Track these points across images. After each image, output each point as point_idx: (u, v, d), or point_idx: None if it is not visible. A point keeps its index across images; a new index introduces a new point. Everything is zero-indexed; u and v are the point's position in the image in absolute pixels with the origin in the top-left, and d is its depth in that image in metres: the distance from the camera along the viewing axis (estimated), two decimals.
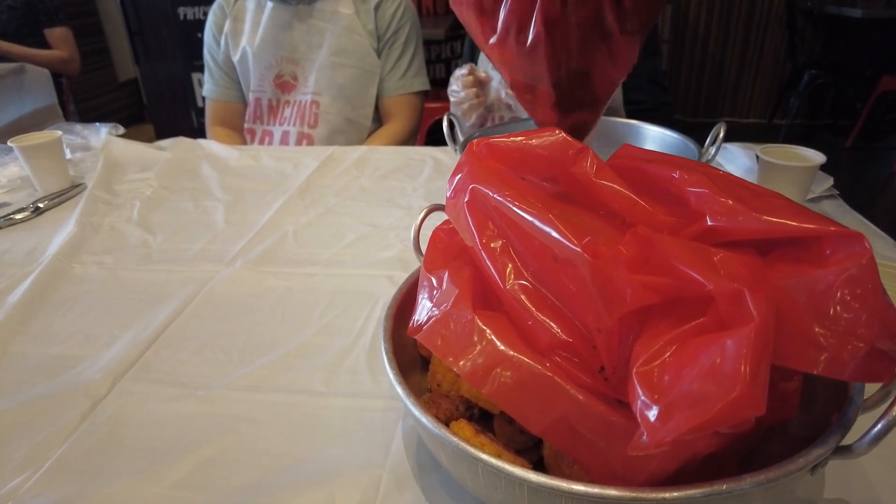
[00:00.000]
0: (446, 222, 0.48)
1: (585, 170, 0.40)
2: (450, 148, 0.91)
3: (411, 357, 0.48)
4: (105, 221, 0.91)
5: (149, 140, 1.24)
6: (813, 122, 3.57)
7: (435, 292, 0.40)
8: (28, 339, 0.64)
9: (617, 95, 1.18)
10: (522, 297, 0.35)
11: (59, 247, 0.82)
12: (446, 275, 0.40)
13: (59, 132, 1.05)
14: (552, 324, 0.34)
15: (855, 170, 3.02)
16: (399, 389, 0.37)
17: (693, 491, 0.30)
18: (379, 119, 1.42)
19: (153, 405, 0.53)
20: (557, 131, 0.42)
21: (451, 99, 1.19)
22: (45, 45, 2.45)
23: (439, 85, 1.88)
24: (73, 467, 0.47)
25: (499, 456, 0.33)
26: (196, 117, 3.75)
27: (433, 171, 1.06)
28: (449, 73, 1.53)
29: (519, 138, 0.42)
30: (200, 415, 0.51)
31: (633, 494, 0.29)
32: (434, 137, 1.49)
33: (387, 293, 0.68)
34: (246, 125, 1.42)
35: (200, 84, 3.68)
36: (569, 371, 0.33)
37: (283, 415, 0.50)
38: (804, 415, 0.38)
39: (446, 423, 0.37)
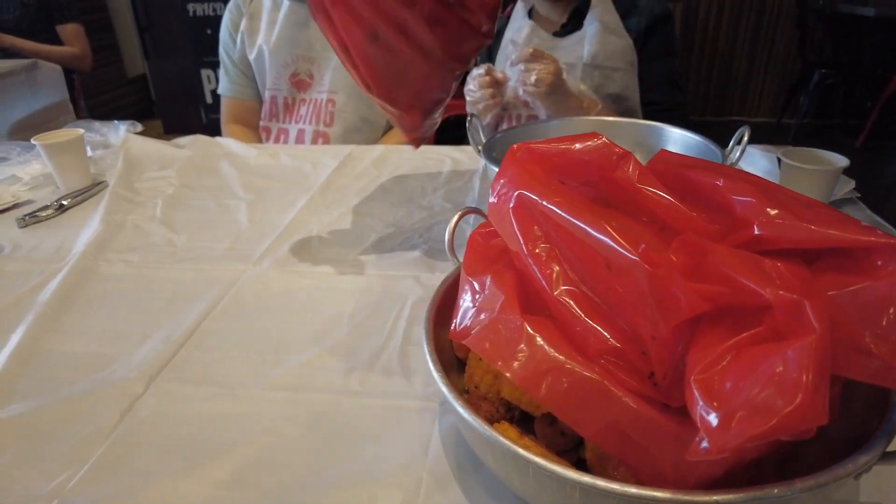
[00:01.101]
0: (483, 225, 0.48)
1: (628, 175, 0.41)
2: (472, 148, 0.91)
3: (448, 358, 0.49)
4: (128, 219, 0.92)
5: (157, 136, 1.25)
6: (822, 122, 3.55)
7: (478, 296, 0.41)
8: (61, 336, 0.64)
9: (634, 95, 1.18)
10: (571, 302, 0.35)
11: (85, 245, 0.83)
12: (489, 279, 0.40)
13: (82, 130, 1.06)
14: (602, 330, 0.34)
15: (865, 169, 3.02)
16: (447, 393, 0.37)
17: (744, 494, 0.30)
18: None
19: (190, 404, 0.53)
20: (600, 137, 0.42)
21: (468, 98, 1.19)
22: (57, 41, 2.46)
23: None
24: (116, 464, 0.48)
25: (544, 458, 0.34)
26: (205, 113, 3.76)
27: (452, 170, 1.07)
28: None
29: (561, 144, 0.42)
30: (239, 414, 0.52)
31: (686, 497, 0.30)
32: (444, 135, 1.49)
33: (414, 294, 0.68)
34: (261, 123, 1.43)
35: (209, 80, 3.70)
36: (618, 376, 0.34)
37: (321, 414, 0.51)
38: (841, 418, 0.39)
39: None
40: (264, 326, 0.64)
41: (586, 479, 0.31)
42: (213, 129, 1.47)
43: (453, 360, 0.49)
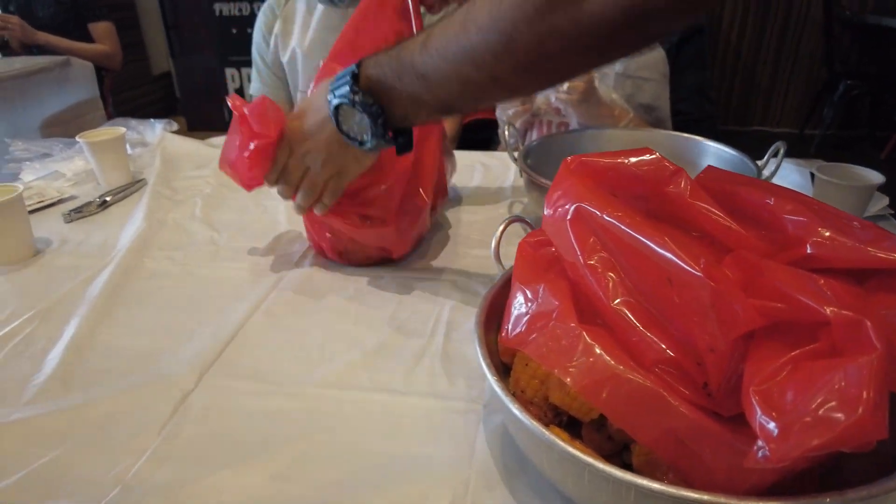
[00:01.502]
0: (531, 234, 0.50)
1: (680, 190, 0.42)
2: (507, 156, 0.93)
3: (494, 363, 0.50)
4: (169, 217, 0.94)
5: (181, 133, 1.28)
6: (847, 133, 3.53)
7: (531, 304, 0.42)
8: (113, 330, 0.67)
9: (664, 105, 1.19)
10: (628, 313, 0.37)
11: (129, 241, 0.85)
12: (542, 288, 0.42)
13: (123, 129, 1.09)
14: (658, 340, 0.36)
15: (890, 182, 2.99)
16: (504, 397, 0.39)
17: (797, 503, 0.31)
18: None
19: (241, 400, 0.55)
20: (653, 152, 0.44)
21: (498, 106, 1.21)
22: (88, 38, 2.51)
23: None
24: (172, 455, 0.50)
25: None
26: (227, 112, 3.80)
27: (483, 177, 1.08)
28: None
29: (615, 157, 0.44)
30: (290, 410, 0.54)
31: (741, 503, 0.31)
32: (468, 136, 1.51)
33: (452, 297, 0.70)
34: None
35: (233, 79, 3.75)
36: (672, 385, 0.35)
37: (368, 412, 0.53)
38: None
39: None
40: (307, 326, 0.66)
41: (643, 481, 0.32)
42: None
43: (498, 364, 0.51)
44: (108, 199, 1.01)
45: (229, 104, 0.69)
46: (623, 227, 0.36)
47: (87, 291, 0.73)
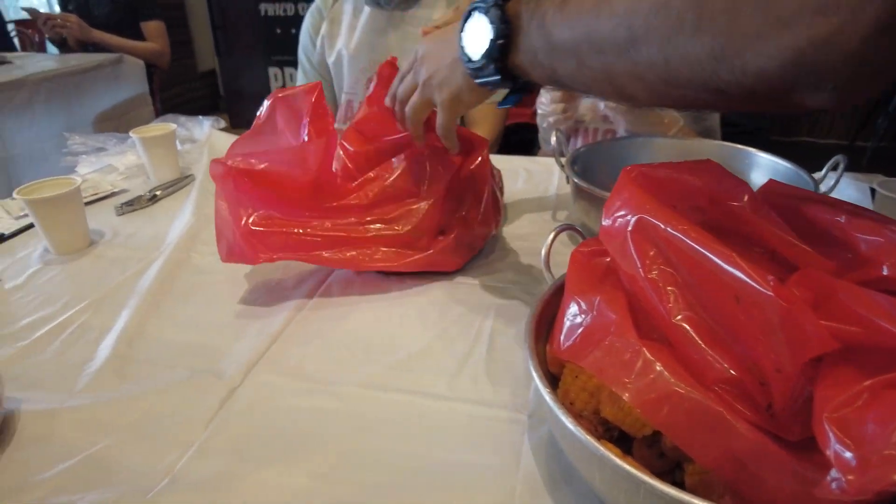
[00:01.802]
0: (584, 244, 0.49)
1: (743, 204, 0.41)
2: (550, 161, 0.92)
3: (542, 372, 0.50)
4: None
5: (224, 131, 1.30)
6: None
7: (586, 316, 0.42)
8: (162, 322, 0.68)
9: (714, 115, 1.17)
10: (689, 329, 0.36)
11: (178, 236, 0.87)
12: (598, 300, 0.41)
13: (174, 125, 1.12)
14: (720, 359, 0.35)
15: None
16: (556, 409, 0.38)
17: None
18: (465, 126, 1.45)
19: (287, 397, 0.56)
20: (715, 164, 0.43)
21: (538, 110, 1.20)
22: (140, 37, 2.58)
23: None
24: (219, 450, 0.50)
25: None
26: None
27: (526, 183, 1.07)
28: None
29: (676, 168, 0.43)
30: (333, 409, 0.54)
31: None
32: (507, 139, 1.50)
33: (496, 303, 0.69)
34: (336, 125, 1.46)
35: (276, 78, 3.82)
36: (734, 405, 0.34)
37: (411, 415, 0.53)
38: None
39: None
40: (352, 326, 0.66)
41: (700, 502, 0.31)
42: None
43: (547, 373, 0.50)
44: (157, 193, 1.03)
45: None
46: (688, 241, 0.35)
47: (138, 284, 0.75)
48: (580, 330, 0.41)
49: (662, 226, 0.37)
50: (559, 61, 0.47)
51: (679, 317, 0.36)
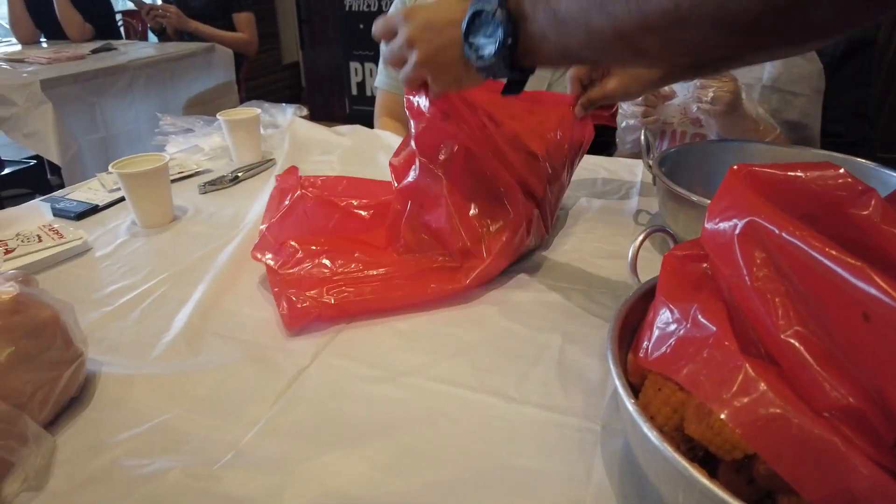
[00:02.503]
0: (678, 248, 0.46)
1: (869, 213, 0.37)
2: (629, 162, 0.88)
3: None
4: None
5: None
6: None
7: (680, 325, 0.38)
8: (236, 298, 0.69)
9: (814, 124, 1.08)
10: (801, 347, 0.32)
11: (256, 217, 0.89)
12: (695, 308, 0.38)
13: (258, 110, 1.14)
14: (837, 384, 0.31)
15: None
16: (642, 423, 0.35)
17: None
18: None
19: (354, 382, 0.55)
20: (837, 168, 0.38)
21: (619, 110, 1.15)
22: (231, 27, 2.69)
23: None
24: (284, 429, 0.50)
25: None
26: (349, 104, 3.96)
27: (604, 184, 1.03)
28: None
29: (790, 170, 0.39)
30: (399, 399, 0.53)
31: None
32: None
33: (568, 306, 0.67)
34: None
35: (356, 73, 3.90)
36: (850, 438, 0.30)
37: (478, 415, 0.51)
38: None
39: None
40: (422, 320, 0.65)
41: None
42: (355, 119, 1.53)
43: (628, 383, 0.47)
44: (239, 174, 1.06)
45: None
46: (808, 248, 0.31)
47: (216, 260, 0.77)
48: (672, 340, 0.38)
49: (777, 230, 0.33)
50: (568, 35, 0.47)
51: (788, 332, 0.32)
